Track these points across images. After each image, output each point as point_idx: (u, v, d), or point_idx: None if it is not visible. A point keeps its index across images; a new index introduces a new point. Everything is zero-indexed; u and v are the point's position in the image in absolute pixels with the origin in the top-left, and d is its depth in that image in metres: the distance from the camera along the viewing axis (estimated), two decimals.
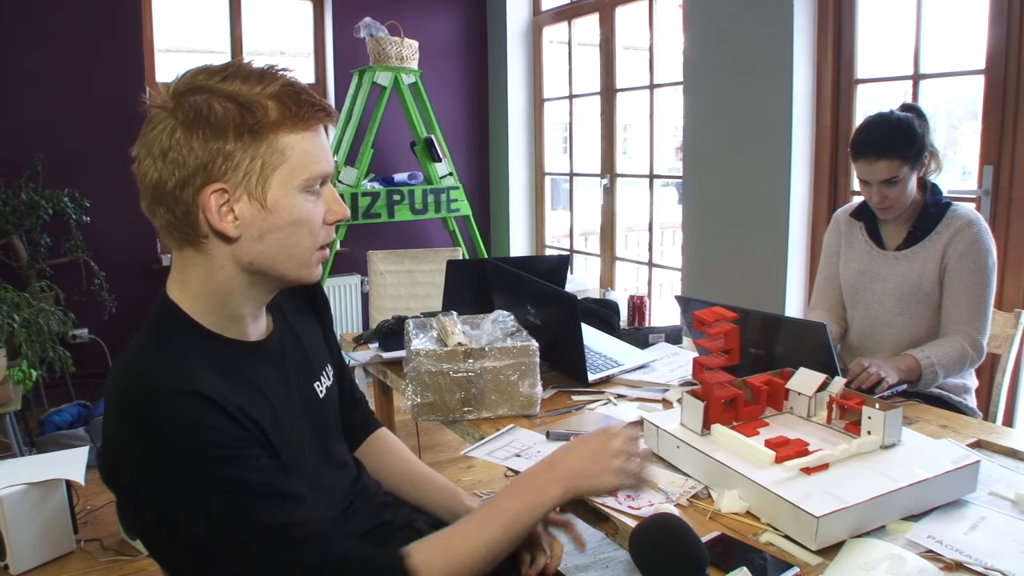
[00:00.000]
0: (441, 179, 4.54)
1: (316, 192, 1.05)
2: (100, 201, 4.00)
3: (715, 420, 1.40)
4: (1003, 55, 2.61)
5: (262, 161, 0.99)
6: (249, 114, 0.97)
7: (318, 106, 1.02)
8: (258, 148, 0.98)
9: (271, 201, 1.01)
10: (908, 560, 1.07)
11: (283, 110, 0.99)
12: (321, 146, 1.04)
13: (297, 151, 1.01)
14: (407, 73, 4.38)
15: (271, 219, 1.01)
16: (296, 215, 1.03)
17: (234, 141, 0.97)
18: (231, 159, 0.97)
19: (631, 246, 5.74)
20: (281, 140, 1.00)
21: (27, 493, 2.54)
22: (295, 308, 1.28)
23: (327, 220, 1.08)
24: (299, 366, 1.21)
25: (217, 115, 0.96)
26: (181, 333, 1.04)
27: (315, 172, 1.03)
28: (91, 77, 4.05)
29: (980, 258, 2.02)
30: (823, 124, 3.22)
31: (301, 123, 1.01)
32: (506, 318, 1.90)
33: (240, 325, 1.10)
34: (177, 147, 0.97)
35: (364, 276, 4.60)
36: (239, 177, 0.98)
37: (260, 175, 0.99)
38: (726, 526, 1.21)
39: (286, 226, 1.02)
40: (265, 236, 1.02)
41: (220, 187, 0.98)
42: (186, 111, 0.97)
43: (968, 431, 1.59)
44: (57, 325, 3.36)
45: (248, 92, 0.98)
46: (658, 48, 4.17)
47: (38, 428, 3.54)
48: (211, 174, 0.97)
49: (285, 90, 1.00)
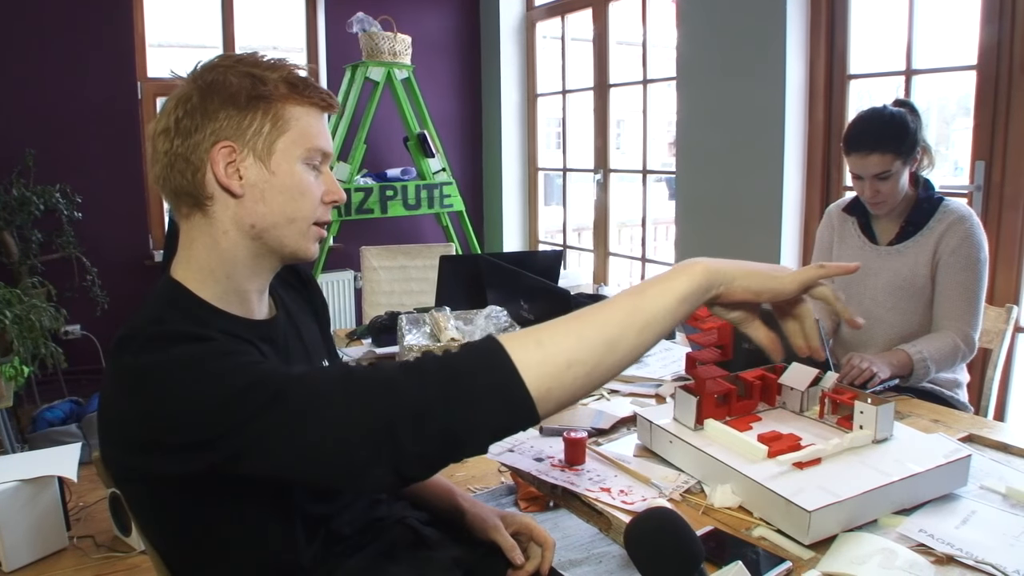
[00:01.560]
0: (434, 175, 4.54)
1: (316, 168, 1.11)
2: (92, 197, 3.98)
3: (708, 415, 1.40)
4: (995, 51, 2.62)
5: (269, 125, 1.05)
6: (260, 84, 1.04)
7: (323, 92, 1.10)
8: (267, 114, 1.05)
9: (275, 164, 1.06)
10: (900, 554, 1.07)
11: (291, 87, 1.06)
12: (324, 126, 1.12)
13: (302, 122, 1.07)
14: (400, 68, 4.37)
15: (274, 181, 1.06)
16: (296, 182, 1.08)
17: (244, 106, 1.04)
18: (241, 121, 1.04)
19: (624, 241, 5.75)
20: (288, 110, 1.06)
21: (19, 490, 2.53)
22: (295, 305, 1.29)
23: (324, 199, 1.12)
24: (299, 354, 1.22)
25: (232, 85, 1.04)
26: (185, 305, 1.06)
27: (316, 145, 1.09)
28: (83, 72, 4.03)
29: (972, 253, 2.03)
30: (816, 119, 3.23)
31: (307, 99, 1.08)
32: (499, 313, 1.91)
33: (245, 302, 1.11)
34: (192, 112, 1.04)
35: (357, 272, 4.59)
36: (246, 138, 1.04)
37: (266, 139, 1.05)
38: (719, 521, 1.21)
39: (287, 190, 1.07)
40: (268, 198, 1.06)
41: (229, 144, 1.04)
42: (201, 83, 1.04)
43: (959, 425, 1.60)
44: (49, 321, 3.34)
45: (260, 72, 1.05)
46: (651, 44, 4.18)
47: (30, 425, 3.53)
48: (221, 133, 1.04)
49: (294, 75, 1.08)
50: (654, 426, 1.45)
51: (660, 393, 1.83)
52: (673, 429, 1.41)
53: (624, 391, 1.86)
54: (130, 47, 4.17)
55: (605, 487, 1.34)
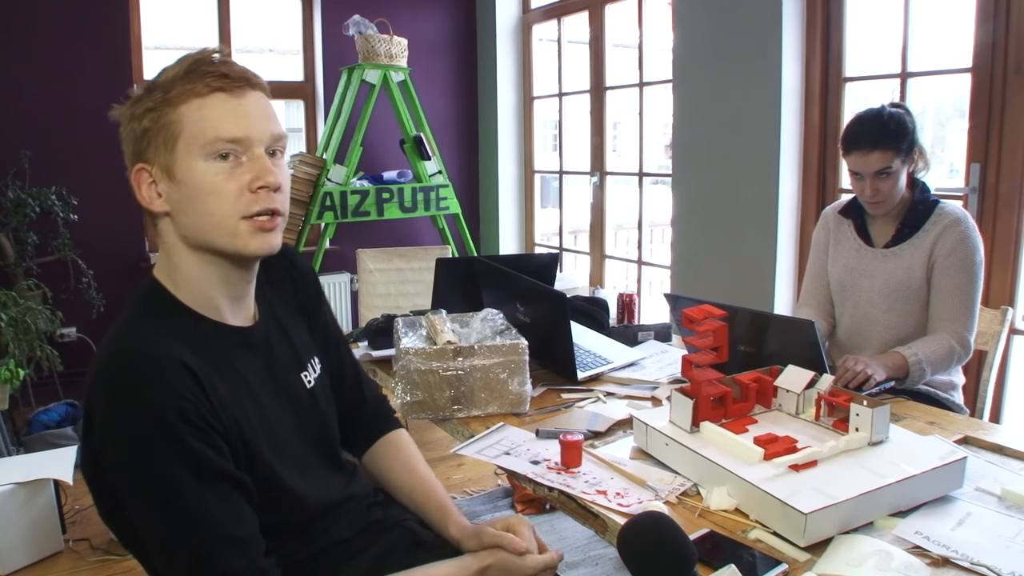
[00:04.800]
0: (430, 177, 4.54)
1: (228, 159, 1.05)
2: (88, 199, 3.98)
3: (704, 417, 1.40)
4: (990, 53, 2.63)
5: (164, 135, 1.03)
6: (158, 93, 1.03)
7: (214, 73, 1.04)
8: (159, 122, 1.03)
9: (180, 172, 1.04)
10: (895, 556, 1.07)
11: (182, 83, 1.03)
12: (228, 112, 1.04)
13: (193, 118, 1.03)
14: (396, 71, 4.37)
15: (183, 190, 1.05)
16: (202, 183, 1.04)
17: (143, 119, 1.04)
18: (144, 138, 1.04)
19: (620, 244, 5.75)
20: (178, 111, 1.03)
21: (14, 493, 2.52)
22: (285, 307, 1.28)
23: (250, 187, 1.05)
24: (285, 356, 1.22)
25: (142, 101, 1.04)
26: (164, 310, 1.08)
27: (212, 136, 1.03)
28: (79, 74, 4.02)
29: (967, 256, 2.03)
30: (811, 122, 3.24)
31: (195, 92, 1.03)
32: (495, 316, 1.90)
33: (216, 308, 1.11)
34: (123, 136, 1.07)
35: (353, 274, 4.58)
36: (150, 155, 1.05)
37: (165, 149, 1.04)
38: (715, 523, 1.21)
39: (196, 196, 1.04)
40: (185, 208, 1.05)
41: (143, 166, 1.05)
42: (131, 100, 1.06)
43: (955, 427, 1.60)
44: (45, 324, 3.34)
45: (170, 74, 1.04)
46: (647, 46, 4.18)
47: (25, 427, 3.51)
48: (138, 154, 1.05)
49: (193, 65, 1.04)
50: (650, 428, 1.45)
51: (656, 395, 1.83)
52: (669, 431, 1.41)
53: (620, 393, 1.86)
54: (126, 49, 4.16)
55: (601, 489, 1.34)
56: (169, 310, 1.07)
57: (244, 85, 1.06)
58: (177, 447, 0.96)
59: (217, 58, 1.06)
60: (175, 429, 0.96)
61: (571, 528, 2.73)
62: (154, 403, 0.96)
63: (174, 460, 0.97)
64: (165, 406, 0.96)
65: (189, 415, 0.97)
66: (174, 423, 0.96)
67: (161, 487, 0.97)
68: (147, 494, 0.98)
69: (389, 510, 1.36)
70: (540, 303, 1.99)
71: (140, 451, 0.96)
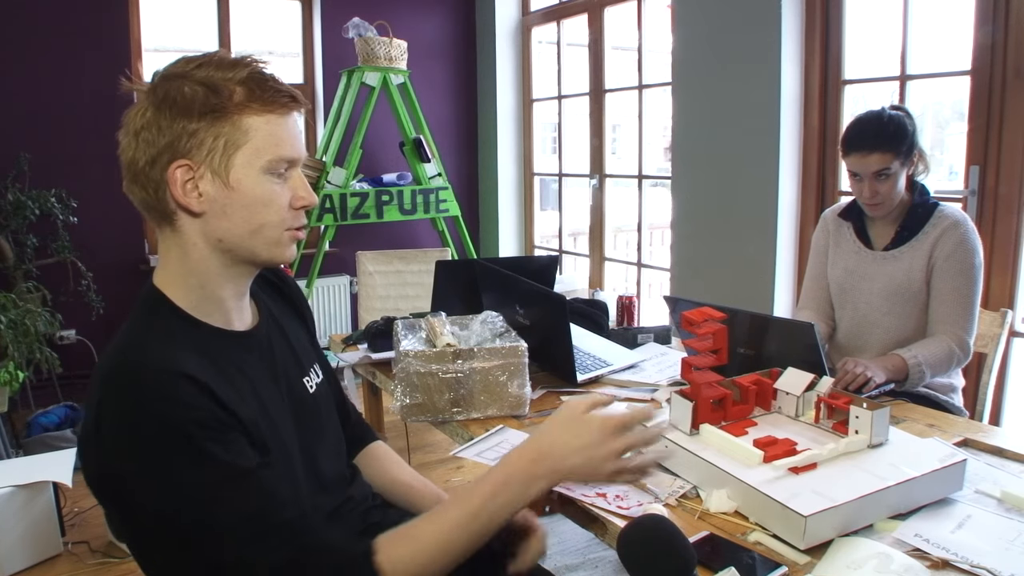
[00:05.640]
0: (430, 179, 4.54)
1: (282, 175, 1.08)
2: (87, 201, 3.98)
3: (704, 420, 1.40)
4: (989, 56, 2.63)
5: (225, 140, 1.03)
6: (214, 95, 1.02)
7: (284, 92, 1.06)
8: (222, 127, 1.02)
9: (234, 179, 1.04)
10: (895, 558, 1.07)
11: (249, 93, 1.04)
12: (288, 132, 1.08)
13: (261, 133, 1.04)
14: (396, 73, 4.37)
15: (234, 196, 1.05)
16: (259, 194, 1.06)
17: (198, 120, 1.02)
18: (195, 137, 1.02)
19: (620, 246, 5.75)
20: (245, 121, 1.03)
21: (14, 496, 2.52)
22: (279, 308, 1.29)
23: (294, 205, 1.10)
24: (287, 359, 1.22)
25: (185, 96, 1.01)
26: (165, 319, 1.06)
27: (278, 155, 1.06)
28: (78, 76, 4.03)
29: (967, 258, 2.03)
30: (811, 124, 3.24)
31: (266, 106, 1.05)
32: (495, 319, 1.90)
33: (223, 311, 1.11)
34: (148, 127, 1.03)
35: (353, 277, 4.59)
36: (203, 154, 1.03)
37: (223, 153, 1.03)
38: (715, 525, 1.21)
39: (250, 204, 1.06)
40: (230, 213, 1.05)
41: (185, 163, 1.02)
42: (158, 94, 1.02)
43: (955, 430, 1.60)
44: (44, 326, 3.34)
45: (218, 76, 1.03)
46: (647, 48, 4.19)
47: (25, 430, 3.51)
48: (177, 151, 1.02)
49: (253, 76, 1.05)
50: None
51: (656, 398, 1.83)
52: (669, 434, 1.41)
53: (620, 396, 1.86)
54: (126, 51, 4.17)
55: (601, 492, 1.34)
56: (172, 318, 1.06)
57: (301, 108, 1.11)
58: (202, 454, 0.95)
59: (268, 71, 1.07)
60: (195, 438, 0.94)
61: (571, 531, 2.73)
62: (171, 417, 0.94)
63: (203, 466, 0.95)
64: (182, 419, 0.94)
65: (207, 422, 0.95)
66: (193, 432, 0.94)
67: (194, 497, 0.95)
68: (181, 509, 0.95)
69: (387, 513, 1.36)
70: (540, 305, 1.99)
71: (164, 467, 0.94)
